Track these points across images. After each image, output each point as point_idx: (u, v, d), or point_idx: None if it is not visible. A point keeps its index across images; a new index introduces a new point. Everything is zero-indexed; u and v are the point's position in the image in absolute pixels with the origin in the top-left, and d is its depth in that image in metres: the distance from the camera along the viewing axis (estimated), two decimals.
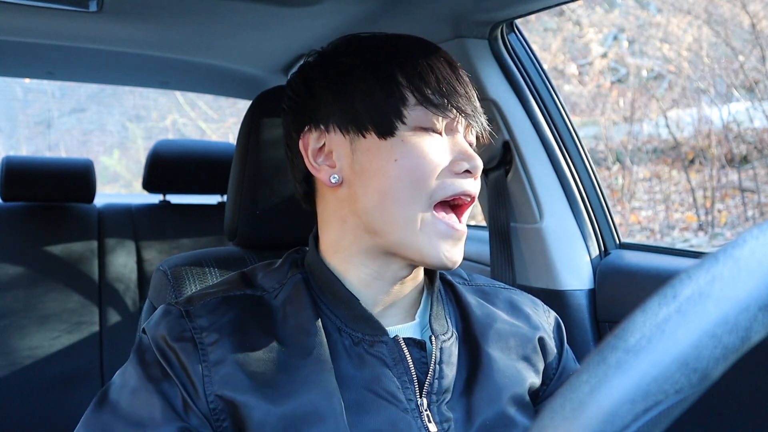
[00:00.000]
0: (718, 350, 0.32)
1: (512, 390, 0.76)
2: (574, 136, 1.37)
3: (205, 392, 0.67)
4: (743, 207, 5.96)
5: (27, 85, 10.10)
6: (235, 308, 0.73)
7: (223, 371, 0.68)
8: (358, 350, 0.72)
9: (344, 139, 0.74)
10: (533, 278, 1.37)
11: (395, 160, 0.71)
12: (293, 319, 0.73)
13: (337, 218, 0.77)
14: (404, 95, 0.72)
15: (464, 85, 0.74)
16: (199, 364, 0.68)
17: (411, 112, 0.71)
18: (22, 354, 1.93)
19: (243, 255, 1.04)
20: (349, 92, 0.73)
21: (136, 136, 10.38)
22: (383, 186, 0.71)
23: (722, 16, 6.73)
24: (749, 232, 0.34)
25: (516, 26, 1.35)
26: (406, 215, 0.71)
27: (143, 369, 0.70)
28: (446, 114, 0.72)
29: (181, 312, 0.72)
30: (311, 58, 0.80)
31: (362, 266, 0.75)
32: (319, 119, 0.75)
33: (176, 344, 0.69)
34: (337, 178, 0.74)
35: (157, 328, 0.72)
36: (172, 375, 0.68)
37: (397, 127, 0.71)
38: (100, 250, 2.10)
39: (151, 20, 1.49)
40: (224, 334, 0.70)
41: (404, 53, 0.74)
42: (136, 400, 0.68)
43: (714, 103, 6.54)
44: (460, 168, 0.72)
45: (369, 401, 0.70)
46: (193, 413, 0.67)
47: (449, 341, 0.76)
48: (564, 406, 0.33)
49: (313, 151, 0.76)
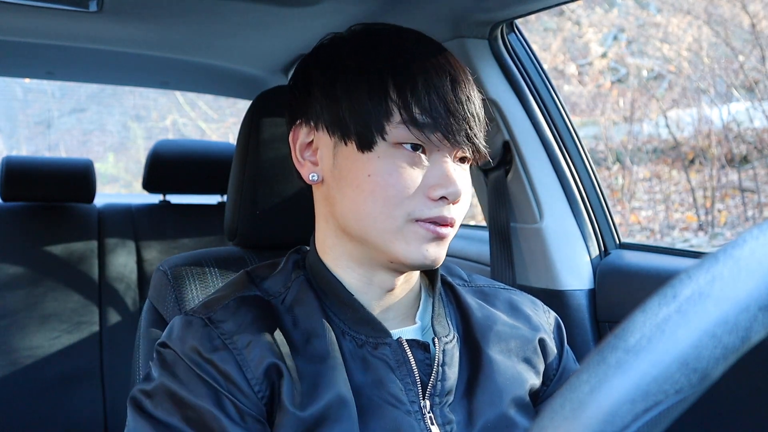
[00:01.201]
0: (718, 350, 0.32)
1: (513, 392, 0.76)
2: (574, 136, 1.37)
3: (255, 393, 0.67)
4: (743, 207, 5.96)
5: (27, 85, 10.10)
6: (254, 308, 0.73)
7: (263, 368, 0.67)
8: (361, 353, 0.72)
9: (329, 140, 0.73)
10: (533, 278, 1.37)
11: (368, 176, 0.69)
12: (303, 323, 0.73)
13: (322, 217, 0.77)
14: (391, 110, 0.68)
15: (463, 103, 0.70)
16: (239, 367, 0.67)
17: (394, 129, 0.68)
18: (22, 354, 1.92)
19: (243, 255, 1.04)
20: (339, 96, 0.71)
21: (136, 136, 10.38)
22: (357, 198, 0.70)
23: (722, 16, 6.73)
24: (749, 232, 0.34)
25: (516, 26, 1.35)
26: (381, 227, 0.69)
27: (185, 386, 0.67)
28: (428, 137, 0.68)
29: (204, 321, 0.70)
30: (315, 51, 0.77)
31: (350, 270, 0.75)
32: (311, 115, 0.75)
33: (212, 355, 0.67)
34: (316, 177, 0.74)
35: (184, 342, 0.69)
36: (218, 387, 0.66)
37: (376, 142, 0.69)
38: (100, 250, 2.10)
39: (151, 20, 1.49)
40: (253, 333, 0.69)
41: (403, 61, 0.70)
42: (191, 419, 0.65)
43: (714, 103, 6.54)
44: (435, 194, 0.68)
45: (373, 404, 0.69)
46: (249, 417, 0.66)
47: (451, 343, 0.76)
48: (564, 406, 0.33)
49: (301, 145, 0.76)
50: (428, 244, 0.70)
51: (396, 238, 0.69)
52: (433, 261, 0.71)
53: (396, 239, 0.69)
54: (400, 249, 0.69)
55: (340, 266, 0.75)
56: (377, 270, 0.74)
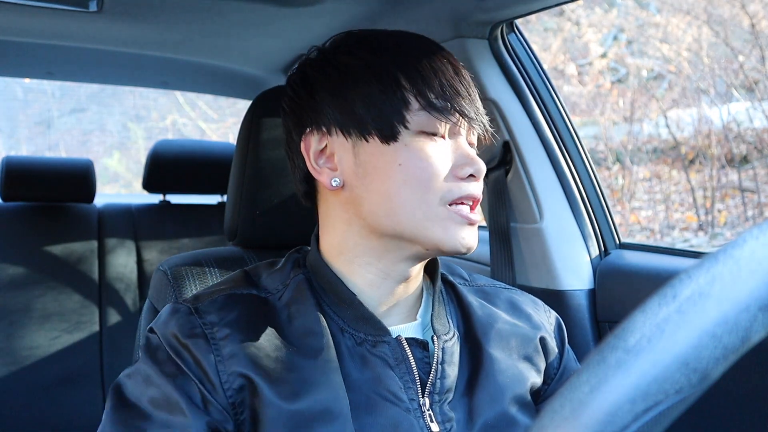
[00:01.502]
0: (718, 350, 0.32)
1: (514, 390, 0.76)
2: (574, 136, 1.37)
3: (223, 386, 0.68)
4: (743, 207, 5.96)
5: (27, 85, 10.10)
6: (243, 306, 0.74)
7: (237, 365, 0.68)
8: (360, 350, 0.72)
9: (346, 142, 0.73)
10: (533, 278, 1.37)
11: (399, 165, 0.70)
12: (298, 320, 0.73)
13: (341, 221, 0.76)
14: (407, 99, 0.71)
15: (467, 87, 0.74)
16: (212, 357, 0.68)
17: (414, 116, 0.71)
18: (22, 354, 1.93)
19: (243, 255, 1.04)
20: (350, 95, 0.72)
21: (137, 136, 10.38)
22: (389, 189, 0.71)
23: (722, 16, 6.73)
24: (749, 232, 0.34)
25: (516, 26, 1.35)
26: (417, 215, 0.70)
27: (158, 367, 0.69)
28: (449, 119, 0.71)
29: (190, 309, 0.72)
30: (312, 55, 0.78)
31: (368, 266, 0.75)
32: (321, 121, 0.74)
33: (188, 341, 0.69)
34: (338, 182, 0.74)
35: (167, 327, 0.71)
36: (187, 371, 0.68)
37: (400, 132, 0.71)
38: (100, 250, 2.10)
39: (151, 20, 1.49)
40: (234, 330, 0.70)
41: (406, 54, 0.73)
42: (156, 400, 0.67)
43: (714, 103, 6.54)
44: (464, 173, 0.72)
45: (372, 401, 0.70)
46: (213, 407, 0.67)
47: (451, 341, 0.76)
48: (564, 406, 0.33)
49: (315, 153, 0.75)
50: (463, 230, 0.72)
51: (433, 225, 0.71)
52: (468, 247, 0.72)
53: (433, 226, 0.71)
54: (437, 236, 0.71)
55: (357, 264, 0.75)
56: (398, 262, 0.74)
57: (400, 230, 0.71)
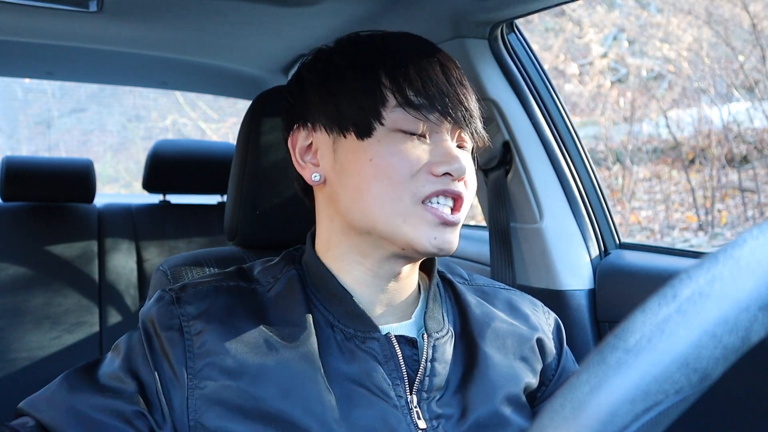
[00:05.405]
0: (718, 350, 0.32)
1: (507, 389, 0.76)
2: (574, 136, 1.37)
3: (187, 383, 0.68)
4: (743, 207, 5.96)
5: (27, 85, 10.10)
6: (225, 297, 0.74)
7: (207, 360, 0.69)
8: (349, 345, 0.73)
9: (328, 138, 0.75)
10: (533, 278, 1.37)
11: (370, 160, 0.70)
12: (284, 312, 0.74)
13: (325, 217, 0.78)
14: (385, 96, 0.71)
15: (455, 86, 0.73)
16: (183, 355, 0.69)
17: (390, 113, 0.71)
18: (22, 354, 1.92)
19: (243, 255, 1.04)
20: (334, 92, 0.74)
21: (136, 136, 10.38)
22: (361, 185, 0.71)
23: (722, 16, 6.73)
24: (749, 232, 0.34)
25: (516, 26, 1.35)
26: (388, 210, 0.70)
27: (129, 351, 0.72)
28: (427, 117, 0.71)
29: (173, 297, 0.73)
30: (309, 56, 0.80)
31: (357, 264, 0.76)
32: (308, 118, 0.76)
33: (163, 333, 0.70)
34: (318, 177, 0.75)
35: (149, 311, 0.73)
36: (153, 360, 0.70)
37: (375, 128, 0.71)
38: (100, 250, 2.10)
39: (151, 20, 1.49)
40: (210, 323, 0.71)
41: (393, 53, 0.74)
42: (112, 375, 0.70)
43: (714, 103, 6.54)
44: (439, 170, 0.70)
45: (359, 395, 0.70)
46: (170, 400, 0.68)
47: (443, 339, 0.76)
48: (564, 407, 0.33)
49: (301, 149, 0.77)
50: (436, 230, 0.70)
51: (404, 222, 0.70)
52: (440, 247, 0.71)
53: (404, 223, 0.70)
54: (408, 234, 0.70)
55: (345, 261, 0.76)
56: (383, 261, 0.75)
57: (373, 227, 0.72)
